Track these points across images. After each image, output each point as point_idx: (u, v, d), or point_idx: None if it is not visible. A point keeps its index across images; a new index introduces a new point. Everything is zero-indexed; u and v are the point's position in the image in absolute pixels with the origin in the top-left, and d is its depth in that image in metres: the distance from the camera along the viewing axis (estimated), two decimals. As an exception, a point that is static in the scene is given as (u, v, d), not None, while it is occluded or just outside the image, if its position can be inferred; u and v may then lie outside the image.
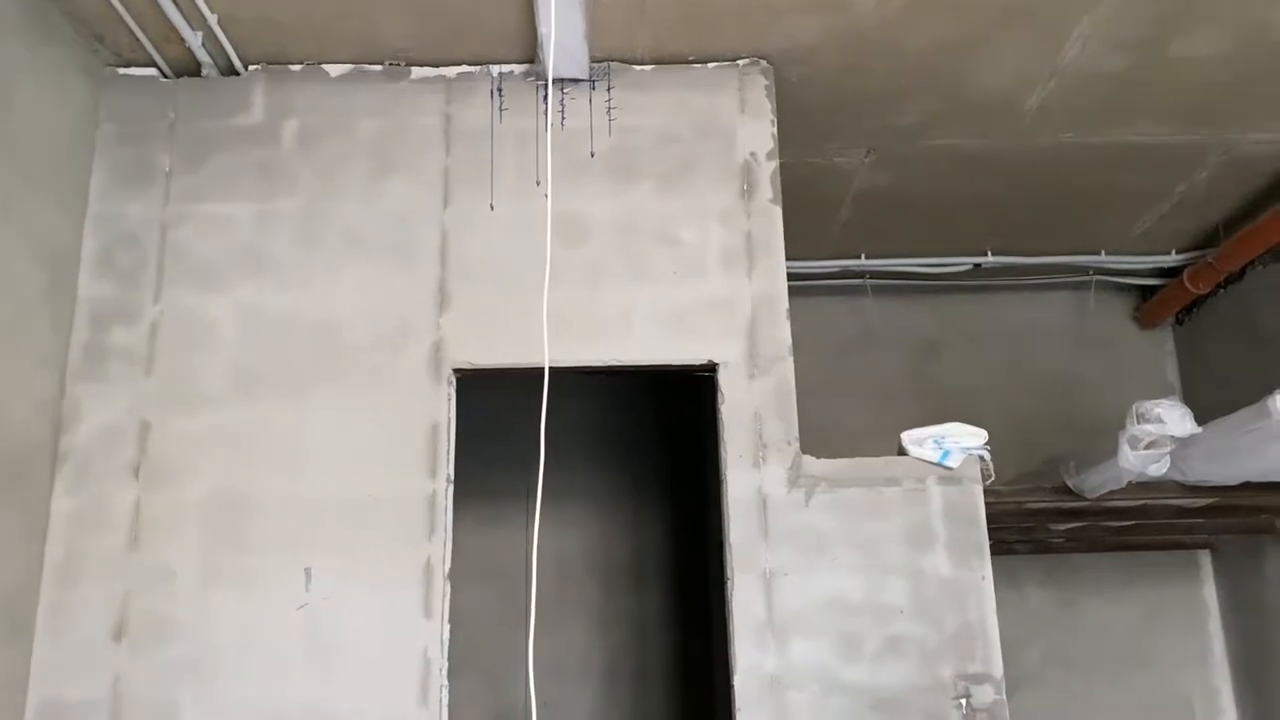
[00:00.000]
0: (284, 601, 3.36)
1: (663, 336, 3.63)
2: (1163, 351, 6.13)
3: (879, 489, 3.49)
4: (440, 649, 3.34)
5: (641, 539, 5.97)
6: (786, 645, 3.35)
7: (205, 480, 3.46)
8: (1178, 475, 3.91)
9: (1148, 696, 5.61)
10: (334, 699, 3.28)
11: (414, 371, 3.59)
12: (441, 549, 3.43)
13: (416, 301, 3.65)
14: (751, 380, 3.59)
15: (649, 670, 5.75)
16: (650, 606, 5.81)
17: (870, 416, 5.61)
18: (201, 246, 3.69)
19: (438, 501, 3.47)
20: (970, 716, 3.28)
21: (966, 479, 3.50)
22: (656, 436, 6.10)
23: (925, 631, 3.36)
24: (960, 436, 3.49)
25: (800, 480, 3.50)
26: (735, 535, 3.45)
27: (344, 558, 3.40)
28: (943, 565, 3.42)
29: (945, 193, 4.99)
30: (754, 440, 3.54)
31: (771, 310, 3.65)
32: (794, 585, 3.40)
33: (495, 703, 5.56)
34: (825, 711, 3.29)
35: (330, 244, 3.70)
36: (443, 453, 3.51)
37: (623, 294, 3.67)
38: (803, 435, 3.60)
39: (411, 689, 3.30)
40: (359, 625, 3.35)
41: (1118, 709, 5.58)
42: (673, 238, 3.72)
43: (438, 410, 3.55)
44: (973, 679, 3.33)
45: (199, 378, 3.56)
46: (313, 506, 3.45)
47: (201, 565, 3.39)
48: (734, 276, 3.68)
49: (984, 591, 3.40)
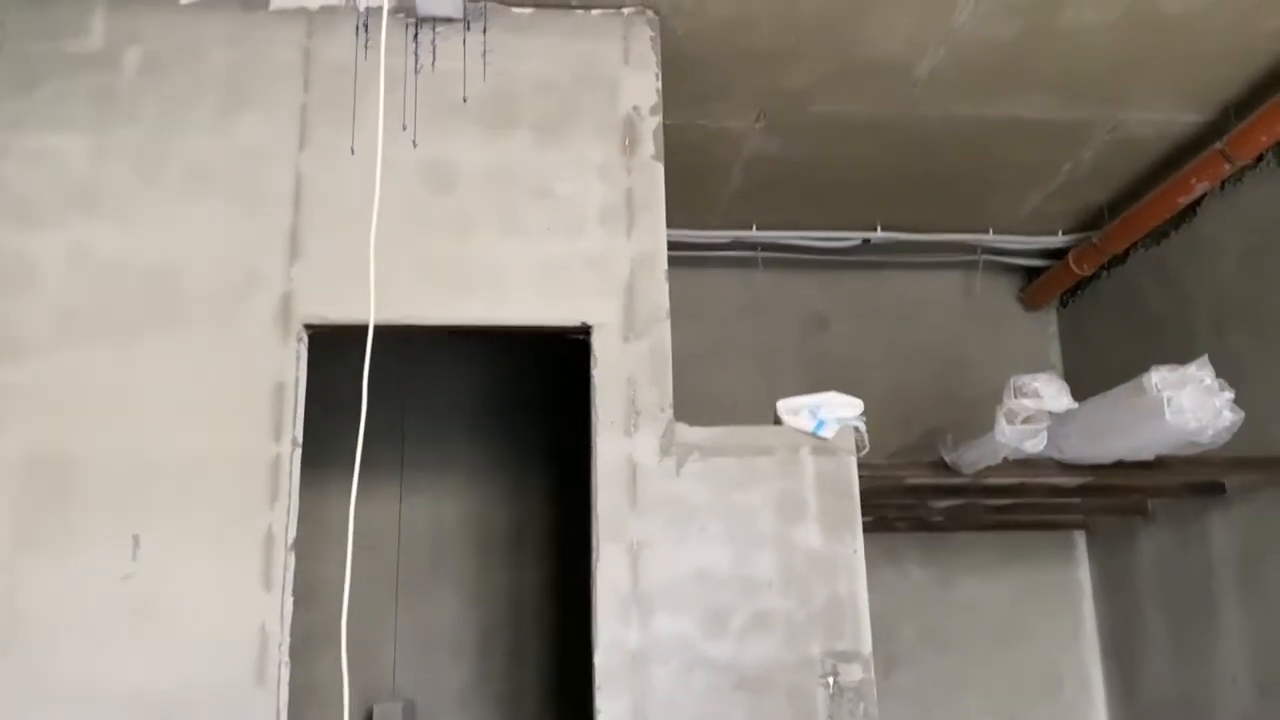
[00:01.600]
0: (107, 570, 3.08)
1: (536, 295, 3.44)
2: (1046, 333, 6.18)
3: (752, 458, 3.36)
4: (280, 623, 3.10)
5: (523, 511, 5.78)
6: (650, 619, 3.21)
7: (22, 434, 3.16)
8: (1055, 453, 3.87)
9: (1019, 673, 5.66)
10: (161, 677, 3.02)
11: (260, 324, 3.32)
12: (285, 517, 3.18)
13: (266, 248, 3.38)
14: (627, 343, 3.42)
15: (524, 647, 5.57)
16: (528, 581, 5.63)
17: (757, 388, 5.49)
18: (26, 180, 3.36)
19: (282, 466, 3.22)
20: (837, 695, 3.18)
21: (840, 450, 3.39)
22: (543, 405, 5.90)
23: (793, 606, 3.25)
24: (836, 406, 3.38)
25: (673, 448, 3.35)
26: (603, 505, 3.29)
27: (177, 524, 3.14)
28: (814, 537, 3.31)
29: (836, 163, 4.89)
30: (627, 406, 3.37)
31: (651, 270, 3.48)
32: (661, 556, 3.25)
33: (362, 679, 5.30)
34: (687, 688, 3.16)
35: (172, 182, 3.41)
36: (289, 414, 3.26)
37: (494, 249, 3.46)
38: (688, 405, 3.46)
39: (248, 666, 3.06)
40: (191, 598, 3.09)
41: (989, 686, 5.61)
42: (549, 191, 3.52)
43: (285, 368, 3.30)
44: (841, 656, 3.23)
45: (18, 323, 3.25)
46: (142, 467, 3.17)
47: (15, 527, 3.08)
48: (613, 234, 3.50)
49: (855, 565, 3.30)
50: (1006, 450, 3.66)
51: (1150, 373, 3.49)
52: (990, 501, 4.82)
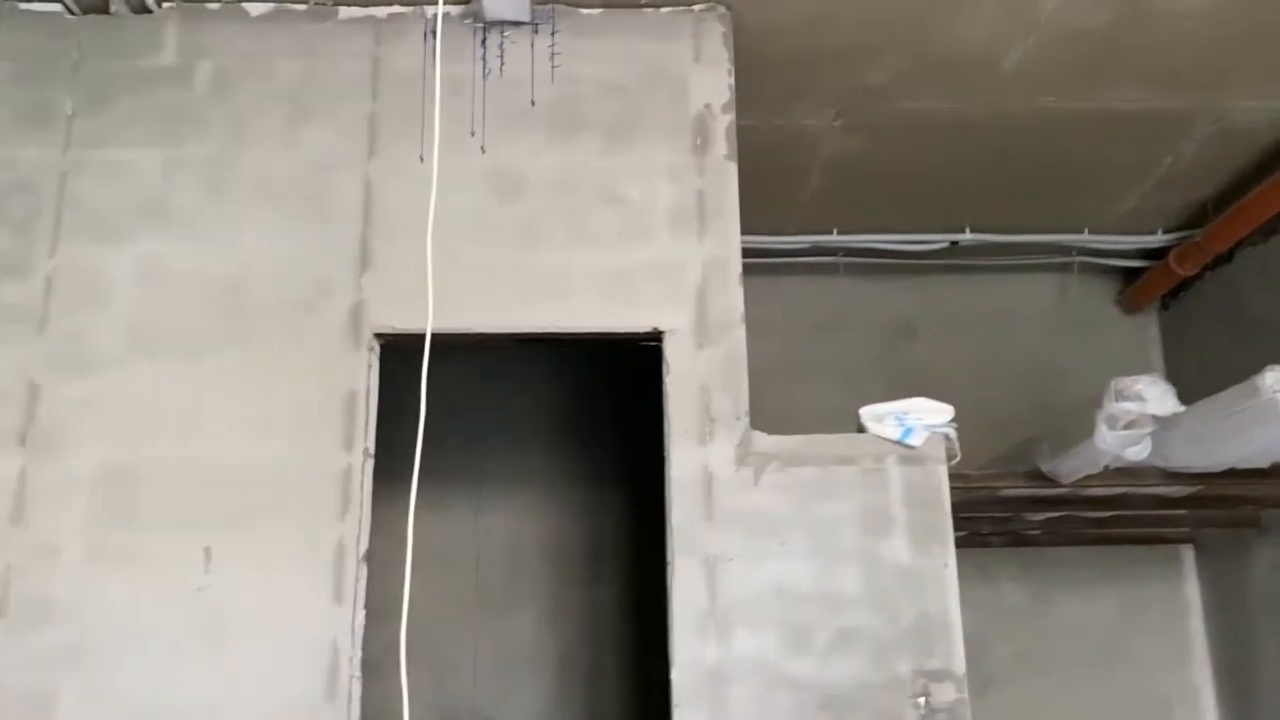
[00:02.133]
0: (178, 584, 3.06)
1: (604, 302, 3.34)
2: (1146, 337, 5.87)
3: (834, 468, 3.21)
4: (351, 637, 3.04)
5: (599, 526, 5.67)
6: (729, 636, 3.07)
7: (96, 449, 3.16)
8: (1159, 460, 3.64)
9: (1124, 697, 5.35)
10: (231, 692, 2.98)
11: (330, 335, 3.29)
12: (356, 528, 3.13)
13: (336, 260, 3.35)
14: (700, 350, 3.30)
15: (603, 665, 5.46)
16: (606, 598, 5.52)
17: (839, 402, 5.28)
18: (102, 195, 3.39)
19: (353, 477, 3.17)
20: (928, 716, 3.00)
21: (930, 459, 3.22)
22: (616, 418, 5.80)
23: (880, 623, 3.08)
24: (924, 413, 3.21)
25: (749, 458, 3.21)
26: (677, 517, 3.17)
27: (247, 537, 3.11)
28: (901, 552, 3.14)
29: (920, 162, 4.70)
30: (700, 414, 3.25)
31: (724, 275, 3.36)
32: (739, 571, 3.11)
33: (440, 698, 5.26)
34: (769, 708, 3.01)
35: (241, 195, 3.40)
36: (360, 424, 3.22)
37: (561, 256, 3.37)
38: (767, 421, 3.32)
39: (318, 681, 3.01)
40: (261, 611, 3.05)
41: (1092, 711, 5.32)
42: (617, 196, 3.43)
43: (356, 377, 3.25)
44: (932, 675, 3.05)
45: (92, 337, 3.26)
46: (213, 480, 3.14)
47: (88, 542, 3.08)
48: (683, 239, 3.39)
49: (946, 581, 3.12)
50: (1108, 458, 3.44)
51: (1264, 373, 3.25)
52: (1090, 514, 4.58)
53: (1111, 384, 3.36)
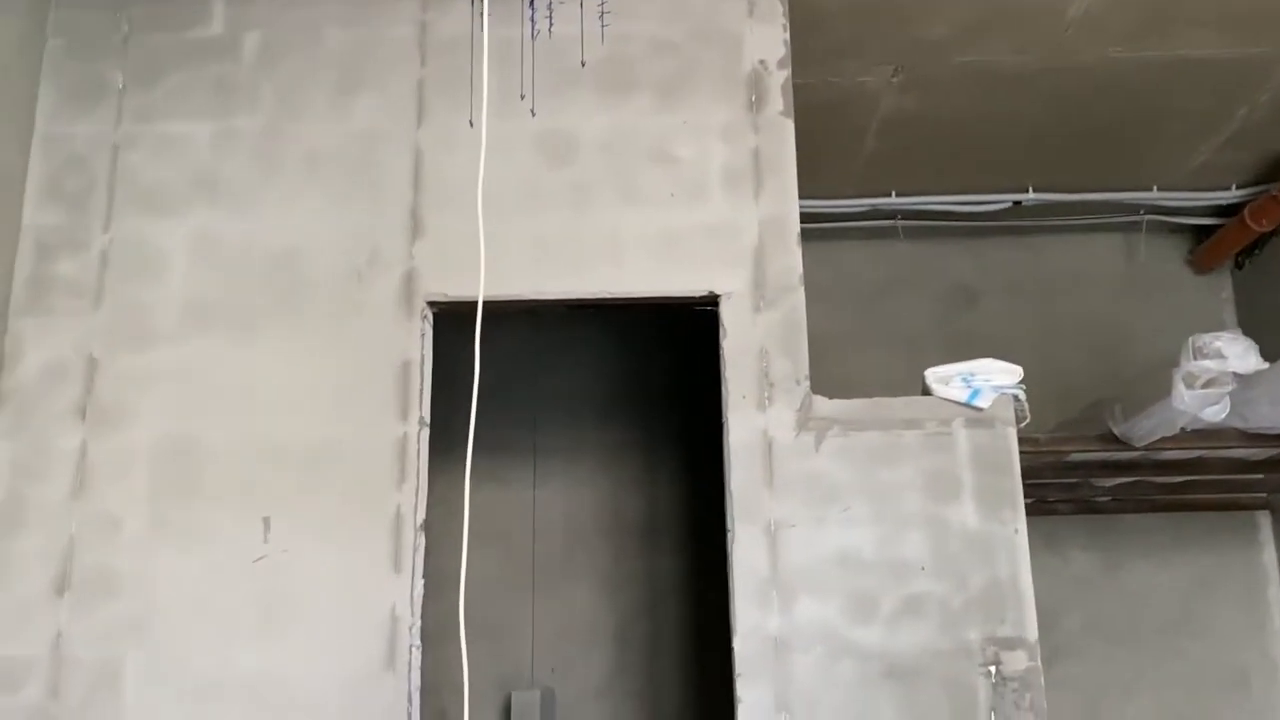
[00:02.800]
0: (238, 555, 3.06)
1: (658, 266, 3.27)
2: (1219, 298, 5.66)
3: (898, 432, 3.12)
4: (410, 606, 3.02)
5: (655, 497, 5.63)
6: (792, 604, 3.00)
7: (154, 422, 3.17)
8: (1238, 421, 3.50)
9: (1199, 668, 5.19)
10: (290, 663, 2.98)
11: (383, 304, 3.26)
12: (413, 497, 3.11)
13: (386, 228, 3.32)
14: (757, 313, 3.22)
15: (662, 636, 5.42)
16: (664, 569, 5.48)
17: (897, 371, 5.19)
18: (154, 169, 3.39)
19: (409, 446, 3.15)
20: (1000, 685, 2.91)
21: (998, 421, 3.12)
22: (670, 388, 5.75)
23: (948, 590, 3.00)
24: (992, 374, 3.11)
25: (810, 423, 3.13)
26: (737, 483, 3.10)
27: (304, 507, 3.10)
28: (969, 517, 3.04)
29: (981, 119, 4.56)
30: (759, 379, 3.17)
31: (781, 235, 3.27)
32: (801, 538, 3.04)
33: (499, 670, 5.27)
34: (832, 676, 2.94)
35: (292, 166, 3.38)
36: (415, 393, 3.19)
37: (613, 219, 3.31)
38: (824, 389, 3.24)
39: (378, 651, 2.99)
40: (320, 581, 3.05)
41: (1165, 682, 5.17)
42: (670, 156, 3.35)
43: (410, 346, 3.22)
44: (1003, 643, 2.95)
45: (149, 311, 3.27)
46: (270, 451, 3.14)
47: (149, 515, 3.10)
48: (738, 198, 3.31)
49: (1016, 546, 3.02)
50: (1185, 419, 3.31)
51: (1353, 327, 3.09)
52: (1163, 479, 4.43)
53: (1189, 341, 3.22)
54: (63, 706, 2.95)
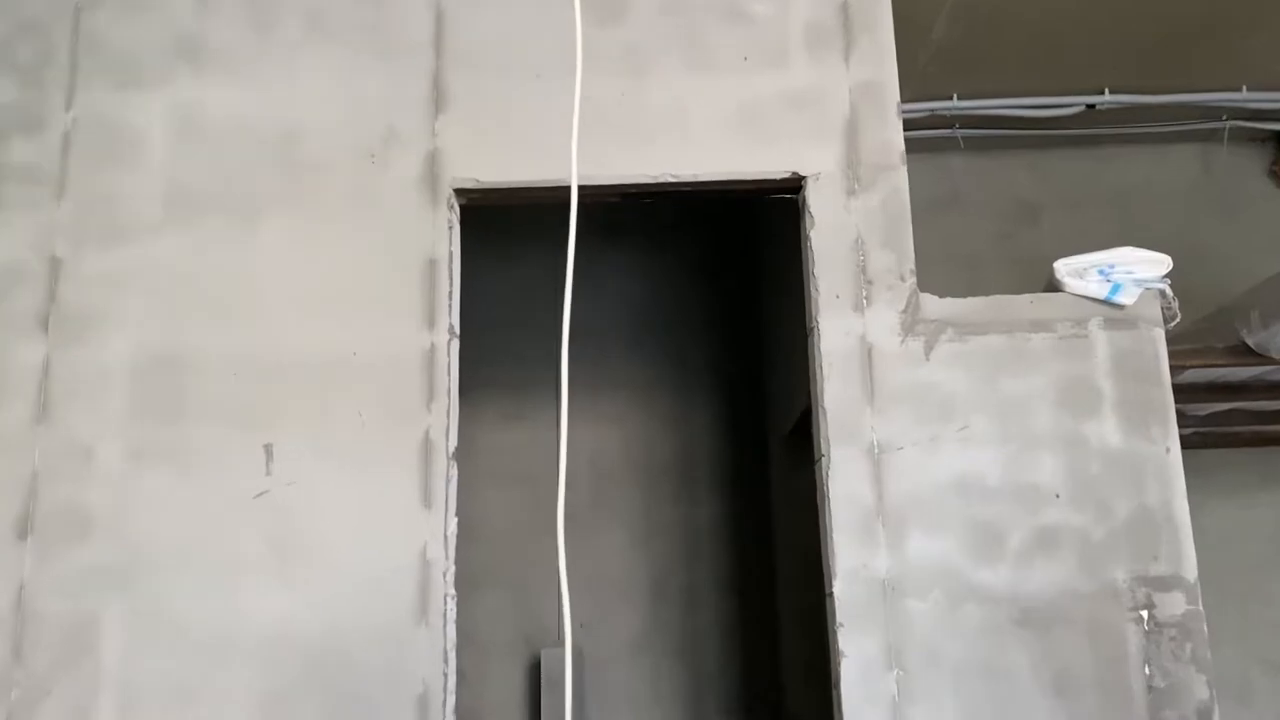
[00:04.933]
0: (236, 488, 2.56)
1: (730, 143, 2.75)
2: (1305, 213, 5.17)
3: (1024, 335, 2.62)
4: (444, 547, 2.53)
5: (690, 439, 5.16)
6: (902, 540, 2.51)
7: (132, 333, 2.65)
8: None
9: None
10: (303, 614, 2.49)
11: (402, 191, 2.73)
12: (444, 419, 2.60)
13: (404, 101, 2.78)
14: (851, 197, 2.70)
15: (700, 587, 4.98)
16: (701, 514, 5.03)
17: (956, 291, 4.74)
18: (125, 33, 2.84)
19: (438, 358, 2.63)
20: (1154, 632, 2.44)
21: (1143, 320, 2.63)
22: (708, 317, 5.26)
23: (1088, 521, 2.51)
24: (1134, 264, 2.62)
25: (917, 326, 2.63)
26: (831, 399, 2.59)
27: (315, 431, 2.59)
28: (1111, 434, 2.56)
29: (1062, 5, 4.03)
30: (854, 275, 2.66)
31: (878, 104, 2.76)
32: (911, 462, 2.55)
33: (523, 623, 4.79)
34: (954, 624, 2.46)
35: (290, 27, 2.83)
36: (443, 297, 2.67)
37: (675, 88, 2.78)
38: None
39: (407, 600, 2.50)
40: (335, 518, 2.55)
41: (1251, 630, 4.74)
42: (741, 12, 2.82)
43: (435, 241, 2.70)
44: (1155, 584, 2.48)
45: (123, 202, 2.73)
46: (273, 365, 2.63)
47: (128, 441, 2.59)
48: (825, 62, 2.78)
49: (1168, 468, 2.55)
50: (1355, 318, 2.82)
51: None
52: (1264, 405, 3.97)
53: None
54: (28, 670, 2.45)
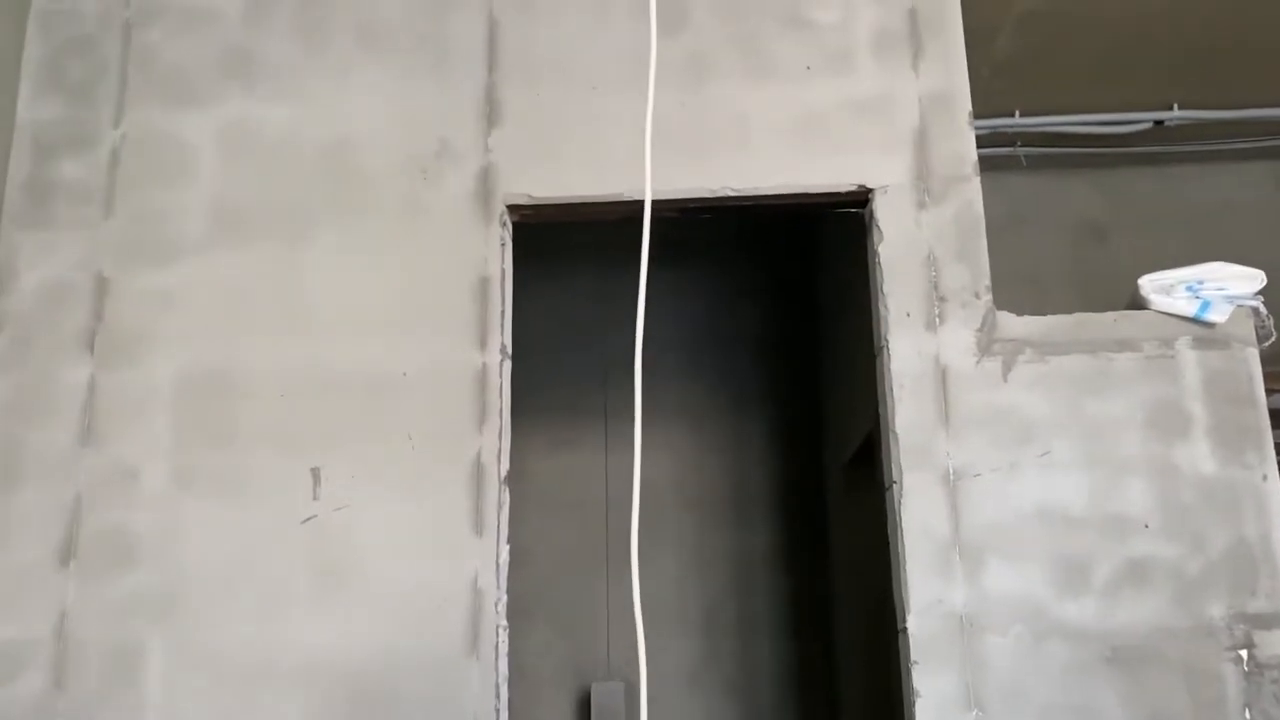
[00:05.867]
0: (283, 513, 2.47)
1: (794, 154, 2.65)
2: (1388, 232, 4.95)
3: (1108, 356, 2.48)
4: (496, 576, 2.42)
5: (744, 463, 5.04)
6: (980, 572, 2.37)
7: (179, 352, 2.59)
8: None
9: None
10: (352, 645, 2.39)
11: (454, 207, 2.65)
12: (496, 442, 2.51)
13: (456, 115, 2.71)
14: (922, 210, 2.58)
15: (754, 619, 4.83)
16: (756, 543, 4.90)
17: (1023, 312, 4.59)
18: (176, 49, 2.80)
19: (490, 379, 2.54)
20: (1254, 673, 2.27)
21: (1235, 340, 2.47)
22: (758, 341, 5.14)
23: (1181, 553, 2.35)
24: (1225, 280, 2.47)
25: (994, 345, 2.50)
26: (903, 422, 2.46)
27: (363, 455, 2.50)
28: (1203, 460, 2.40)
29: (1132, 17, 3.88)
30: (926, 292, 2.54)
31: (949, 113, 2.64)
32: (989, 489, 2.41)
33: (572, 655, 4.67)
34: (1038, 662, 2.31)
35: (341, 41, 2.78)
36: (495, 315, 2.58)
37: (736, 98, 2.69)
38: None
39: (457, 630, 2.39)
40: (384, 544, 2.45)
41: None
42: (804, 19, 2.72)
43: (487, 258, 2.62)
44: (1255, 621, 2.31)
45: (171, 219, 2.68)
46: (321, 385, 2.55)
47: (174, 465, 2.51)
48: (892, 69, 2.67)
49: (1267, 496, 2.38)
50: None
51: None
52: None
53: None
54: (70, 698, 2.37)
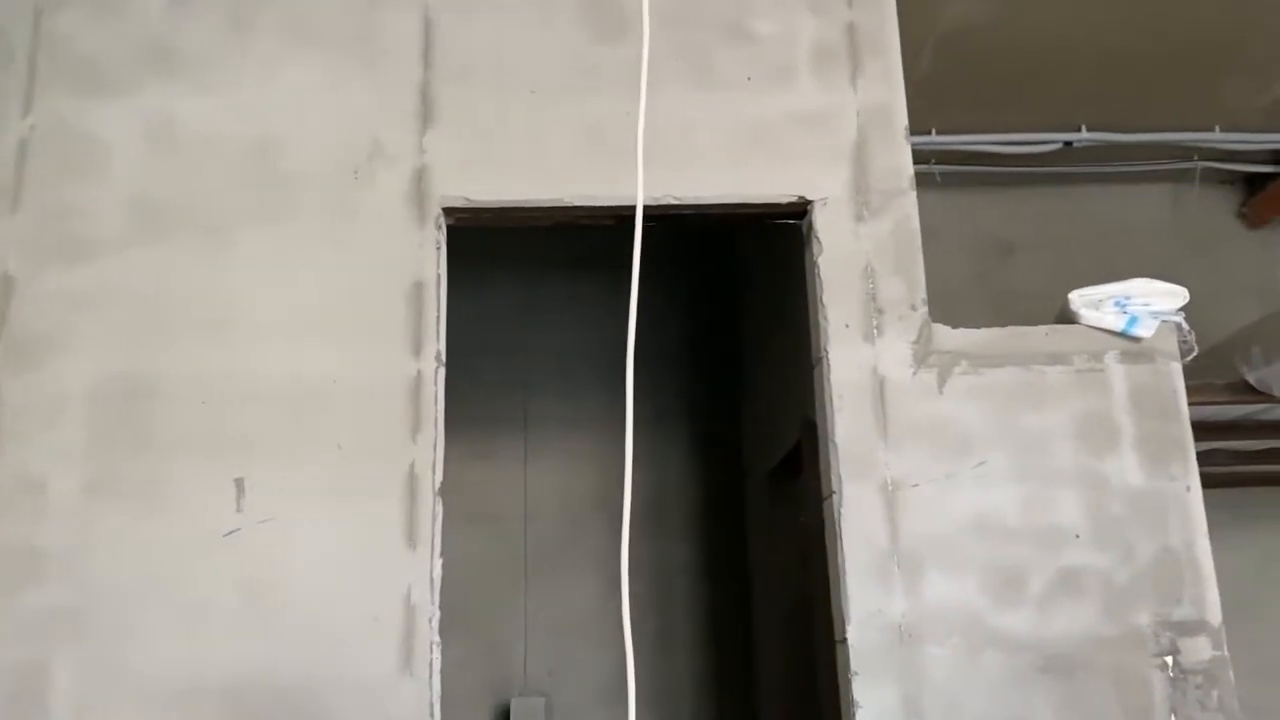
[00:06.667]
0: (204, 525, 2.36)
1: (734, 165, 2.64)
2: (1275, 255, 5.20)
3: (1040, 369, 2.53)
4: (430, 591, 2.35)
5: (664, 475, 5.01)
6: (919, 582, 2.38)
7: (93, 356, 2.45)
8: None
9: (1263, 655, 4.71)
10: (275, 662, 2.28)
11: (387, 209, 2.58)
12: (430, 452, 2.43)
13: (390, 114, 2.63)
14: (860, 223, 2.60)
15: (674, 631, 4.80)
16: (677, 554, 4.87)
17: (937, 329, 4.70)
18: (92, 37, 2.66)
19: (424, 388, 2.47)
20: (1179, 679, 2.33)
21: (1160, 354, 2.55)
22: (679, 353, 5.12)
23: (1111, 563, 2.41)
24: (1151, 296, 2.54)
25: (930, 357, 2.53)
26: (843, 432, 2.47)
27: (290, 465, 2.41)
28: (1132, 472, 2.46)
29: (1051, 38, 4.01)
30: (865, 303, 2.55)
31: (886, 128, 2.67)
32: (927, 500, 2.43)
33: (491, 671, 4.58)
34: (976, 673, 2.34)
35: (269, 33, 2.68)
36: (430, 321, 2.51)
37: (679, 107, 2.66)
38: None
39: (390, 647, 2.31)
40: (312, 558, 2.36)
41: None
42: (746, 31, 2.72)
43: (422, 262, 2.54)
44: (1180, 628, 2.38)
45: (85, 216, 2.54)
46: (246, 393, 2.44)
47: (86, 475, 2.38)
48: (832, 83, 2.69)
49: (1190, 507, 2.46)
50: (1370, 354, 2.76)
51: None
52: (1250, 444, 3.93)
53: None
54: (-33, 728, 2.22)
